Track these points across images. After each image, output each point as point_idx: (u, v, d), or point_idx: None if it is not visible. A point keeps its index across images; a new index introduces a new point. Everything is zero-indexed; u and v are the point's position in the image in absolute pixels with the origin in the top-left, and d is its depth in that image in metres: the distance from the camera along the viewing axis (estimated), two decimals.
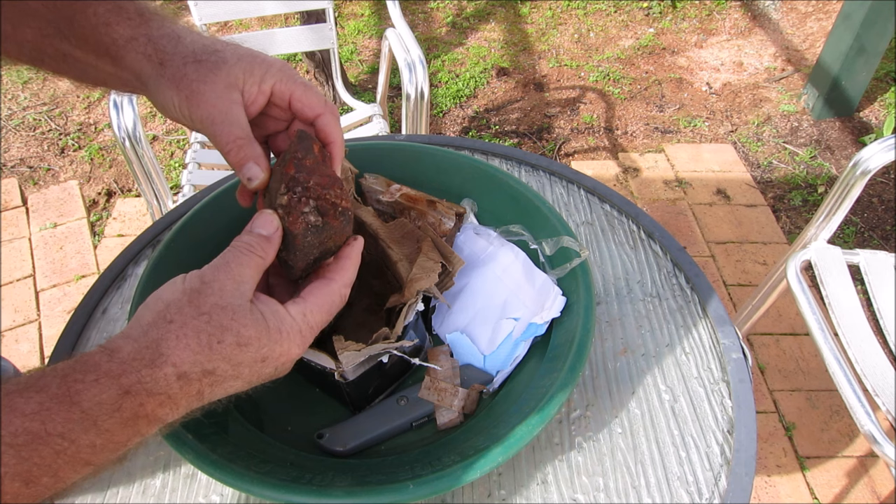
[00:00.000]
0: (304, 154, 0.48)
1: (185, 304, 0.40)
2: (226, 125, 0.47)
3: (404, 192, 0.72)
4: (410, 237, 0.67)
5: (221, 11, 1.50)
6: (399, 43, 1.37)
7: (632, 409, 0.64)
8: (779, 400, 1.54)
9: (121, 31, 0.48)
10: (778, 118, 2.32)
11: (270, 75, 0.49)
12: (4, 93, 2.41)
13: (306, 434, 0.60)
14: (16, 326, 1.71)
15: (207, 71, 0.47)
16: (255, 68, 0.49)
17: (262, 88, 0.49)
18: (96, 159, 2.17)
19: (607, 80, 2.49)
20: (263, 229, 0.46)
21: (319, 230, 0.47)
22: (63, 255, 1.88)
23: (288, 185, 0.46)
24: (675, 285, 0.75)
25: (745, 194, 2.05)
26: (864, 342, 1.05)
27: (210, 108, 0.47)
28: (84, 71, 0.51)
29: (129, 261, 0.79)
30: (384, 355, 0.58)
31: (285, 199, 0.46)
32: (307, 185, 0.46)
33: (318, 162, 0.48)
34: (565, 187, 0.88)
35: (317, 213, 0.47)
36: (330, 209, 0.47)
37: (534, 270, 0.69)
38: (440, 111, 2.37)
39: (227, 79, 0.47)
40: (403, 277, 0.62)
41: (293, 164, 0.47)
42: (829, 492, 1.39)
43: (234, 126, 0.48)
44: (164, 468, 0.60)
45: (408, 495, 0.49)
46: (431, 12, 2.87)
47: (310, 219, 0.46)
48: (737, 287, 1.78)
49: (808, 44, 2.63)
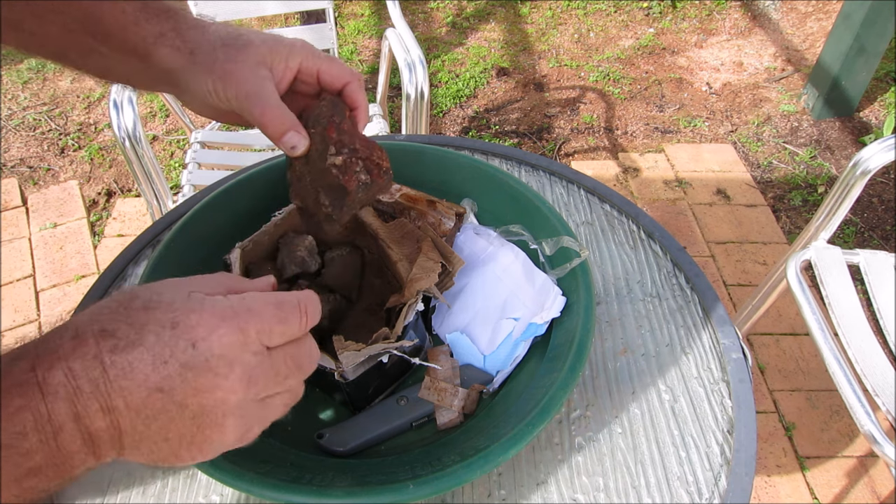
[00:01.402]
0: (340, 119, 0.52)
1: None
2: (260, 99, 0.50)
3: (404, 192, 0.72)
4: (410, 237, 0.67)
5: (221, 11, 1.50)
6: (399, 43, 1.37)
7: (632, 409, 0.64)
8: (779, 400, 1.54)
9: (150, 28, 0.49)
10: (778, 118, 2.32)
11: (295, 53, 0.52)
12: (4, 93, 2.41)
13: (306, 434, 0.60)
14: (16, 326, 1.71)
15: (236, 52, 0.50)
16: (280, 48, 0.51)
17: (290, 65, 0.52)
18: (96, 159, 2.17)
19: (607, 80, 2.49)
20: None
21: (368, 187, 0.52)
22: (63, 255, 1.88)
23: (337, 147, 0.51)
24: (675, 285, 0.75)
25: (745, 194, 2.05)
26: (864, 342, 1.04)
27: (243, 84, 0.49)
28: (109, 67, 0.52)
29: (129, 261, 0.79)
30: (384, 355, 0.58)
31: (340, 160, 0.51)
32: (353, 146, 0.51)
33: (353, 125, 0.53)
34: (565, 187, 0.88)
35: (366, 172, 0.51)
36: (374, 168, 0.52)
37: (534, 270, 0.69)
38: (440, 111, 2.37)
39: (255, 57, 0.50)
40: (403, 277, 0.62)
41: (334, 128, 0.51)
42: (829, 492, 1.39)
43: (269, 99, 0.50)
44: (164, 468, 0.60)
45: (408, 495, 0.49)
46: (431, 12, 2.87)
47: (361, 177, 0.51)
48: (737, 287, 1.78)
49: (808, 44, 2.63)
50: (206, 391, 0.35)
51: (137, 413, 0.34)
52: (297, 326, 0.39)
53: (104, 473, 0.60)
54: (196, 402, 0.35)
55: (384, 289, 0.66)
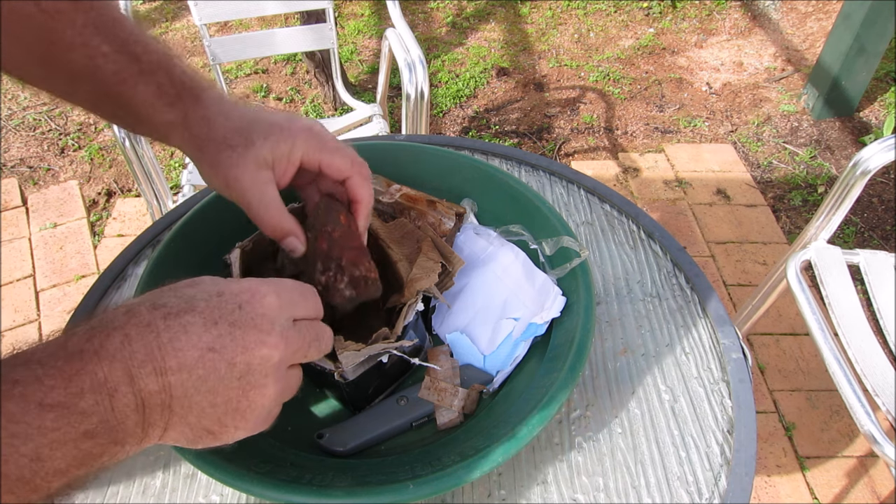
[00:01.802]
0: (332, 227, 0.53)
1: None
2: (262, 207, 0.52)
3: (404, 192, 0.72)
4: (410, 237, 0.67)
5: (221, 11, 1.50)
6: (399, 43, 1.37)
7: (632, 409, 0.64)
8: (779, 400, 1.54)
9: (163, 116, 0.51)
10: (778, 118, 2.32)
11: (297, 148, 0.53)
12: (4, 93, 2.41)
13: (306, 434, 0.60)
14: (16, 326, 1.71)
15: (238, 157, 0.51)
16: (281, 144, 0.52)
17: (292, 160, 0.53)
18: (96, 159, 2.17)
19: (607, 80, 2.49)
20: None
21: (354, 300, 0.53)
22: (63, 255, 1.88)
23: (324, 263, 0.52)
24: (675, 285, 0.75)
25: (745, 194, 2.05)
26: (864, 342, 1.05)
27: (245, 192, 0.52)
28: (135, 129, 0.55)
29: (129, 261, 0.79)
30: (384, 355, 0.58)
31: (324, 279, 0.52)
32: (340, 262, 0.53)
33: (346, 231, 0.54)
34: (565, 187, 0.88)
35: (350, 288, 0.53)
36: (361, 282, 0.53)
37: (534, 270, 0.69)
38: (440, 111, 2.37)
39: (255, 160, 0.51)
40: (403, 277, 0.62)
41: (325, 239, 0.53)
42: (829, 492, 1.39)
43: (270, 206, 0.52)
44: (164, 468, 0.60)
45: (408, 495, 0.49)
46: (431, 12, 2.87)
47: (345, 294, 0.53)
48: (737, 287, 1.78)
49: (808, 44, 2.63)
50: (253, 348, 0.38)
51: (189, 373, 0.36)
52: (314, 306, 0.45)
53: (104, 473, 0.60)
54: (244, 359, 0.38)
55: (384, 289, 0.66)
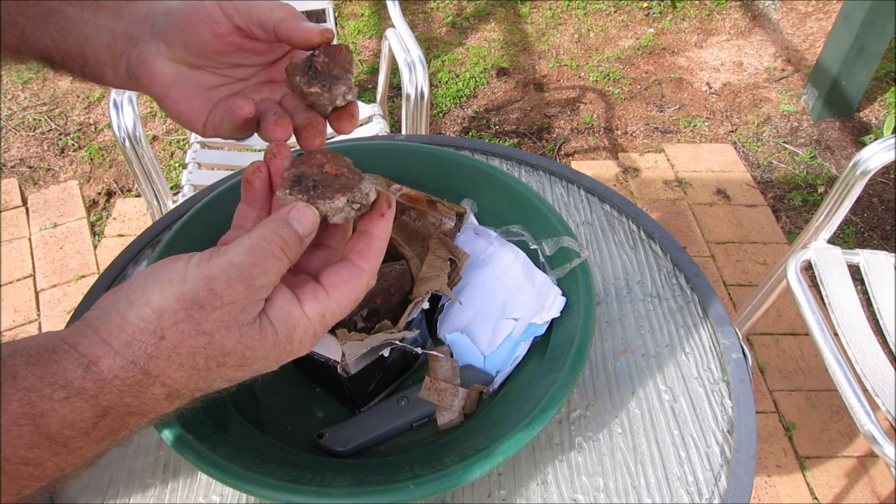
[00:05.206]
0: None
1: (181, 318, 0.34)
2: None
3: (404, 192, 0.72)
4: (416, 236, 0.68)
5: None
6: (399, 43, 1.37)
7: (632, 409, 0.64)
8: (779, 400, 1.54)
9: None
10: (778, 118, 2.32)
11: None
12: (4, 93, 2.41)
13: (306, 434, 0.60)
14: (16, 326, 1.71)
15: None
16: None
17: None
18: (96, 159, 2.17)
19: (607, 80, 2.49)
20: (301, 226, 0.38)
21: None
22: (63, 255, 1.88)
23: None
24: (675, 285, 0.75)
25: (745, 194, 2.05)
26: (864, 342, 1.05)
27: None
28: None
29: (129, 261, 0.79)
30: (386, 348, 0.58)
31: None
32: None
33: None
34: (565, 187, 0.88)
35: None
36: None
37: (534, 270, 0.69)
38: (440, 111, 2.37)
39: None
40: (414, 275, 0.63)
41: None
42: (829, 492, 1.39)
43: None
44: (164, 468, 0.60)
45: (408, 495, 0.49)
46: (431, 12, 2.87)
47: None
48: (737, 287, 1.78)
49: (808, 44, 2.63)
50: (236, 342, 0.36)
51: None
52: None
53: (104, 474, 0.60)
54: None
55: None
